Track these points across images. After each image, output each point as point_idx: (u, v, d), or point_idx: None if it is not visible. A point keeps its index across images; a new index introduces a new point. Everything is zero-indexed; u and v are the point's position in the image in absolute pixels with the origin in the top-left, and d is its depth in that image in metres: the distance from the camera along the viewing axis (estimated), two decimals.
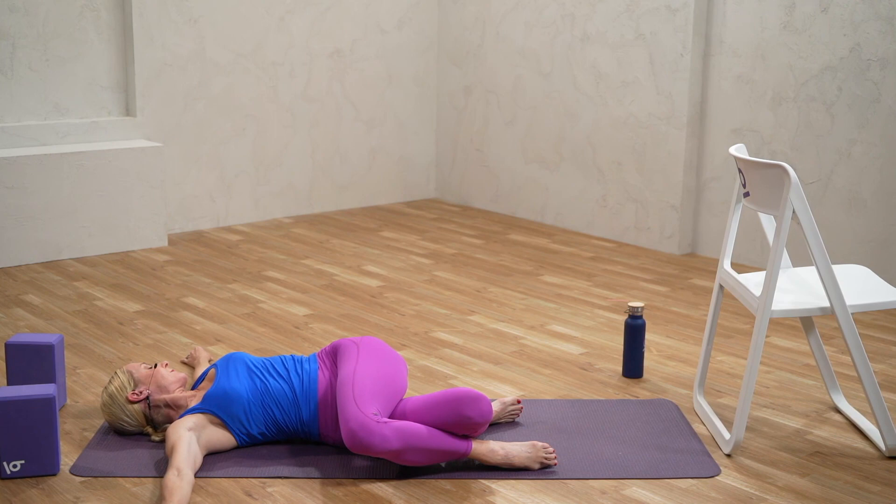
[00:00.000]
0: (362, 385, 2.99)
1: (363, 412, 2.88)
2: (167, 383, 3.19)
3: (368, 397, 2.95)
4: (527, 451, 3.03)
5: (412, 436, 2.88)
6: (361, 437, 2.85)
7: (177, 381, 3.21)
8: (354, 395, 2.94)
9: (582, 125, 5.99)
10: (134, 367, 3.24)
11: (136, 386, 3.18)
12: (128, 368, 3.23)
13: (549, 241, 5.84)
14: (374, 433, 2.84)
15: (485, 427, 2.95)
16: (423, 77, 6.82)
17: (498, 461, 3.00)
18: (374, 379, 3.03)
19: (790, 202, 2.95)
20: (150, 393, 3.18)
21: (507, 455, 3.00)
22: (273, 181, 6.27)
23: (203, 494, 2.86)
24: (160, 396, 3.17)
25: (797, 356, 4.03)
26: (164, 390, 3.18)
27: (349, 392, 2.96)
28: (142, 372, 3.22)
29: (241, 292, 4.76)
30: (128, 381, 3.19)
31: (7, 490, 2.88)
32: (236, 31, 5.96)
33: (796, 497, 2.90)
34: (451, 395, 2.94)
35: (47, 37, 5.40)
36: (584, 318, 4.46)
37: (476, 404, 2.91)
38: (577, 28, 5.92)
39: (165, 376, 3.21)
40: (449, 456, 2.94)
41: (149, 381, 3.19)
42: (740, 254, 5.39)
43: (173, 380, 3.20)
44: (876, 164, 4.83)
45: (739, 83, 5.30)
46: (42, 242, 5.22)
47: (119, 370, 3.24)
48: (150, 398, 3.18)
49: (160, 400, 3.17)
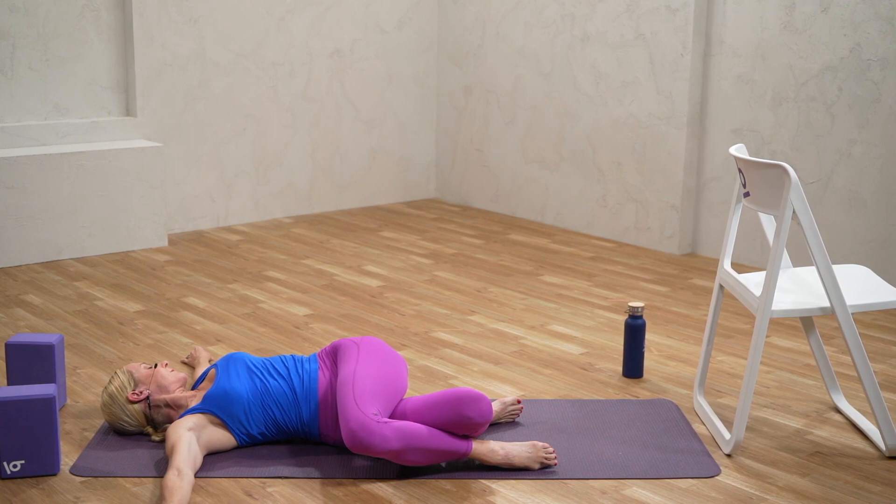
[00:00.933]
0: (362, 385, 2.99)
1: (363, 412, 2.88)
2: (167, 383, 3.19)
3: (369, 397, 2.95)
4: (527, 451, 3.02)
5: (412, 436, 2.88)
6: (361, 437, 2.85)
7: (177, 381, 3.21)
8: (355, 395, 2.94)
9: (582, 125, 5.99)
10: (134, 367, 3.24)
11: (136, 386, 3.18)
12: (128, 368, 3.23)
13: (549, 241, 5.84)
14: (375, 433, 2.84)
15: (485, 427, 2.95)
16: (423, 77, 6.82)
17: (498, 461, 3.00)
18: (375, 379, 3.03)
19: (790, 202, 2.95)
20: (151, 393, 3.18)
21: (508, 455, 3.00)
22: (273, 181, 6.27)
23: (203, 494, 2.87)
24: (160, 396, 3.17)
25: (797, 356, 4.03)
26: (165, 390, 3.18)
27: (349, 392, 2.96)
28: (142, 372, 3.22)
29: (242, 292, 4.76)
30: (128, 381, 3.19)
31: (7, 490, 2.88)
32: (236, 31, 5.96)
33: (796, 497, 2.90)
34: (452, 395, 2.94)
35: (47, 37, 5.40)
36: (585, 318, 4.46)
37: (476, 404, 2.91)
38: (577, 28, 5.92)
39: (165, 376, 3.21)
40: (449, 456, 2.94)
41: (149, 381, 3.19)
42: (740, 254, 5.40)
43: (173, 380, 3.21)
44: (876, 164, 4.83)
45: (739, 83, 5.30)
46: (42, 242, 5.22)
47: (119, 370, 3.24)
48: (150, 398, 3.18)
49: (160, 400, 3.17)
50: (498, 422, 3.34)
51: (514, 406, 3.35)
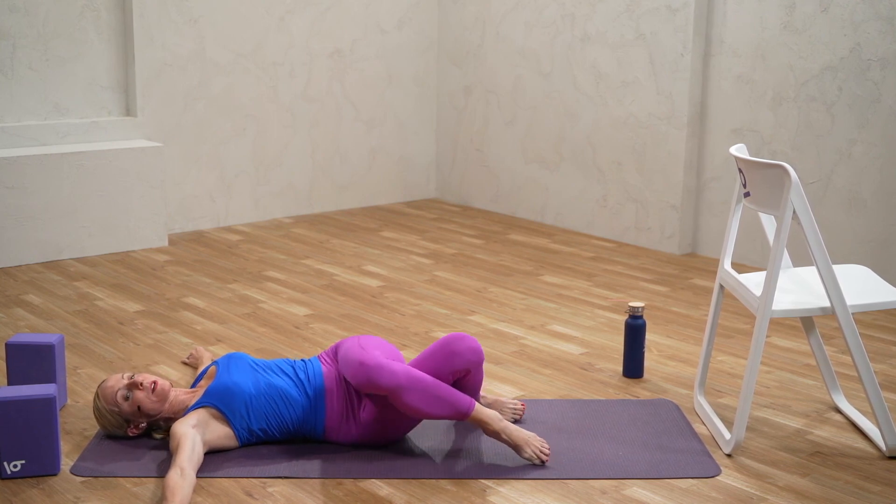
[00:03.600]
0: (367, 341, 3.16)
1: (371, 354, 3.01)
2: (153, 405, 3.10)
3: (373, 348, 3.11)
4: (525, 434, 3.07)
5: (418, 378, 2.97)
6: (370, 368, 2.93)
7: (161, 397, 3.12)
8: (361, 344, 3.10)
9: (582, 125, 5.99)
10: (112, 397, 3.11)
11: (129, 423, 3.14)
12: (109, 406, 3.11)
13: (549, 241, 5.84)
14: (384, 367, 2.94)
15: (480, 364, 3.11)
16: (423, 77, 6.82)
17: (495, 429, 3.04)
18: (377, 345, 3.18)
19: (790, 202, 2.95)
20: (147, 421, 3.14)
21: (506, 429, 3.05)
22: (273, 181, 6.27)
23: (204, 494, 2.86)
24: (156, 416, 3.14)
25: (797, 356, 4.03)
26: (157, 409, 3.13)
27: (355, 344, 3.10)
28: (125, 407, 3.11)
29: (242, 292, 4.76)
30: (120, 421, 3.13)
31: (7, 490, 2.88)
32: (236, 31, 5.96)
33: (797, 497, 2.90)
34: (440, 341, 3.11)
35: (47, 37, 5.40)
36: (585, 318, 4.46)
37: (462, 340, 3.09)
38: (577, 28, 5.91)
39: (146, 402, 3.10)
40: (450, 408, 2.99)
41: (136, 412, 3.10)
42: (740, 254, 5.39)
43: (157, 399, 3.11)
44: (876, 164, 4.83)
45: (739, 83, 5.30)
46: (42, 242, 5.22)
47: (105, 409, 3.12)
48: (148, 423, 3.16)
49: (158, 418, 3.14)
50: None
51: (514, 405, 3.36)
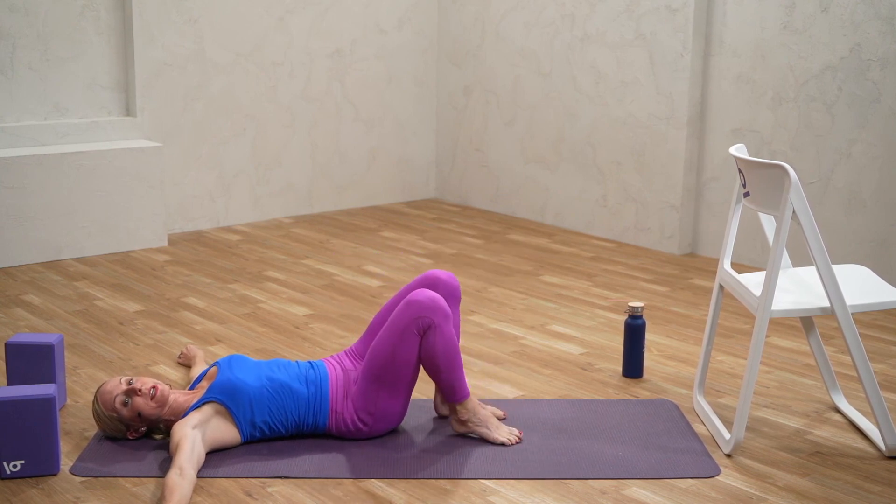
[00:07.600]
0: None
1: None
2: (153, 409, 3.09)
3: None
4: (498, 421, 3.23)
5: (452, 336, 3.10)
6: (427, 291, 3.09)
7: (161, 402, 3.11)
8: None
9: (582, 125, 5.99)
10: (111, 404, 3.10)
11: (128, 427, 3.13)
12: (108, 412, 3.11)
13: (549, 241, 5.84)
14: (437, 297, 3.08)
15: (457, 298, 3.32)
16: (423, 77, 6.82)
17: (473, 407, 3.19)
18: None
19: (790, 202, 2.95)
20: (147, 424, 3.14)
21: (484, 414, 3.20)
22: (273, 181, 6.27)
23: (203, 494, 2.86)
24: (156, 419, 3.13)
25: (797, 356, 4.03)
26: (157, 414, 3.13)
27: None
28: (124, 412, 3.10)
29: (241, 292, 4.76)
30: (120, 426, 3.12)
31: (7, 490, 2.88)
32: (236, 31, 5.96)
33: (796, 497, 2.90)
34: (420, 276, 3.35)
35: (47, 37, 5.40)
36: (585, 318, 4.46)
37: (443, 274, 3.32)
38: (577, 28, 5.91)
39: (145, 407, 3.09)
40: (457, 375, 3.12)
41: (135, 416, 3.10)
42: (740, 254, 5.40)
43: (156, 405, 3.10)
44: (876, 164, 4.83)
45: (739, 83, 5.30)
46: (42, 242, 5.22)
47: (104, 414, 3.11)
48: (148, 426, 3.16)
49: (158, 420, 3.14)
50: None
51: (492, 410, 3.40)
